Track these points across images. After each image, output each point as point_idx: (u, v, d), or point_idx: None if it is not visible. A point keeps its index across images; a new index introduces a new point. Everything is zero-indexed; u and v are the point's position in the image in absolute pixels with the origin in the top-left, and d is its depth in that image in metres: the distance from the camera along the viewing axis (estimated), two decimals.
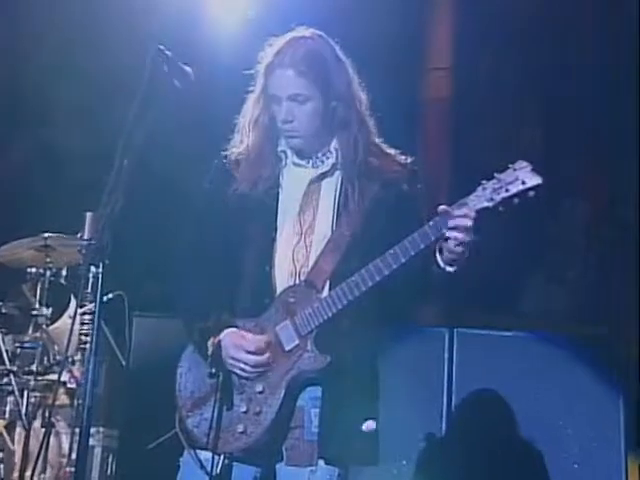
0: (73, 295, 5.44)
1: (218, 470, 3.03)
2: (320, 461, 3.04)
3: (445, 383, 4.81)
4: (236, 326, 3.09)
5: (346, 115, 3.15)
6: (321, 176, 3.18)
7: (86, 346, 5.22)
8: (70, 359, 5.27)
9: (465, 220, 2.90)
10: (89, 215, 5.42)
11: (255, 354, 3.03)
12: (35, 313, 5.41)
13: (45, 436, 5.04)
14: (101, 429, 5.48)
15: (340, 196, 3.15)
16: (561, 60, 6.50)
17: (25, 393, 5.20)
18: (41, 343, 5.35)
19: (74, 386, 5.23)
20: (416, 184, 3.19)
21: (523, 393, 4.69)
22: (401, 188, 3.15)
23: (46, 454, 5.02)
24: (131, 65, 3.47)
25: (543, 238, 6.61)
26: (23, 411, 5.14)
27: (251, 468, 3.12)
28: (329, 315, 3.01)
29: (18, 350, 5.38)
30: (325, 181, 3.18)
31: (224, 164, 3.24)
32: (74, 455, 4.13)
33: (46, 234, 5.28)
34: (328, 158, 3.18)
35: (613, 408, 4.65)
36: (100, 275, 2.92)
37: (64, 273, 5.53)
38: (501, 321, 5.84)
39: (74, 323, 3.47)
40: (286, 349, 3.05)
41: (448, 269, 2.99)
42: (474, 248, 2.94)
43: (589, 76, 6.37)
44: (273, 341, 3.06)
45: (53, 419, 5.14)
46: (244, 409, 3.05)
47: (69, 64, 6.33)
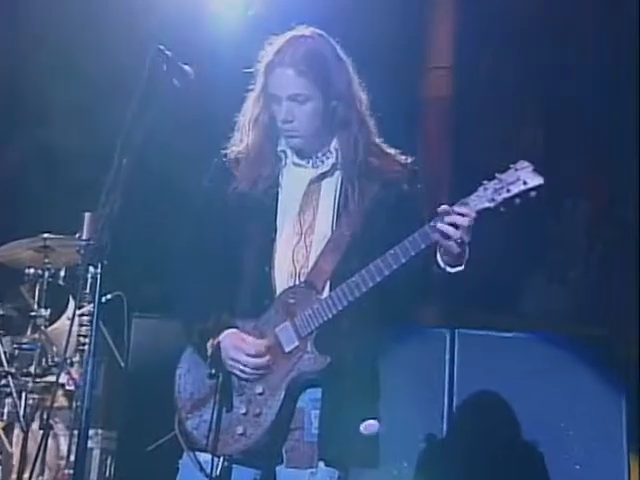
0: (72, 296, 5.43)
1: (217, 472, 3.02)
2: (320, 463, 3.03)
3: (446, 384, 4.80)
4: (236, 327, 3.07)
5: (346, 115, 3.13)
6: (321, 176, 3.17)
7: (85, 347, 5.21)
8: (69, 360, 5.27)
9: (463, 219, 2.88)
10: (88, 215, 5.41)
11: (255, 357, 3.02)
12: (33, 314, 5.39)
13: (43, 438, 5.03)
14: (100, 431, 5.48)
15: (340, 196, 3.13)
16: (562, 60, 6.50)
17: (23, 395, 5.19)
18: (39, 344, 5.33)
19: (72, 388, 5.22)
20: (416, 184, 3.17)
21: (524, 394, 4.68)
22: (401, 188, 3.13)
23: (44, 456, 5.02)
24: (130, 65, 3.47)
25: (544, 238, 6.60)
26: (21, 413, 5.12)
27: (251, 470, 3.10)
28: (329, 316, 3.00)
29: (16, 351, 5.36)
30: (325, 181, 3.17)
31: (224, 163, 3.23)
32: (72, 457, 4.10)
33: (45, 234, 5.27)
34: (328, 158, 3.17)
35: (615, 409, 4.64)
36: (99, 276, 2.93)
37: (62, 274, 5.52)
38: (502, 322, 5.83)
39: (73, 324, 3.46)
40: (286, 350, 3.04)
41: (448, 269, 2.97)
42: (474, 249, 2.93)
43: (589, 76, 6.37)
44: (273, 343, 3.05)
45: (51, 421, 5.11)
46: (244, 411, 3.04)
47: (67, 64, 6.34)
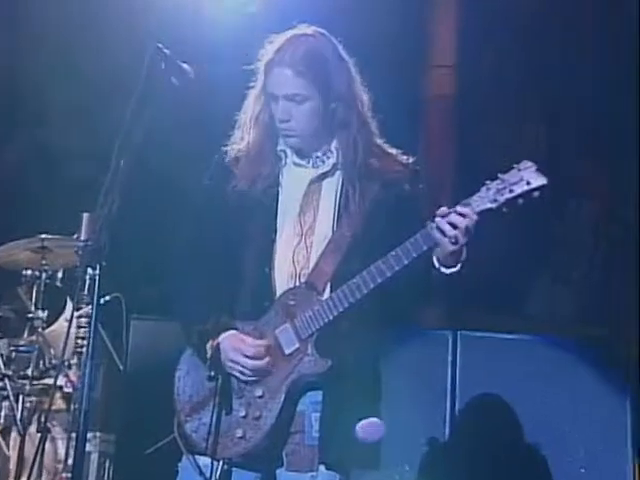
0: (69, 297, 5.41)
1: (217, 476, 3.01)
2: (321, 466, 3.01)
3: (449, 386, 4.81)
4: (235, 328, 3.05)
5: (346, 116, 3.11)
6: (321, 176, 3.15)
7: (83, 349, 5.17)
8: (66, 363, 5.24)
9: (462, 219, 2.84)
10: (86, 216, 5.37)
11: (254, 359, 3.00)
12: (31, 316, 5.36)
13: (41, 441, 5.00)
14: (98, 434, 5.45)
15: (341, 197, 3.12)
16: (564, 58, 6.51)
17: (20, 398, 5.16)
18: (37, 347, 5.30)
19: (70, 390, 5.20)
20: (418, 184, 3.16)
21: (528, 396, 4.69)
22: (403, 188, 3.12)
23: (42, 460, 4.99)
24: (129, 65, 3.47)
25: (547, 239, 6.60)
26: (18, 416, 5.09)
27: (251, 474, 3.09)
28: (330, 318, 2.98)
29: (13, 354, 5.33)
30: (326, 181, 3.15)
31: (224, 160, 3.21)
32: (70, 461, 4.07)
33: (42, 235, 5.24)
34: (329, 158, 3.15)
35: (620, 411, 4.65)
36: (97, 277, 2.92)
37: (60, 275, 5.49)
38: (505, 323, 5.83)
39: (70, 326, 3.43)
40: (286, 353, 3.02)
41: (443, 270, 2.94)
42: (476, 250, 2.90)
43: (589, 76, 6.37)
44: (273, 345, 3.03)
45: (49, 424, 5.10)
46: (243, 414, 3.02)
47: (67, 64, 6.35)
